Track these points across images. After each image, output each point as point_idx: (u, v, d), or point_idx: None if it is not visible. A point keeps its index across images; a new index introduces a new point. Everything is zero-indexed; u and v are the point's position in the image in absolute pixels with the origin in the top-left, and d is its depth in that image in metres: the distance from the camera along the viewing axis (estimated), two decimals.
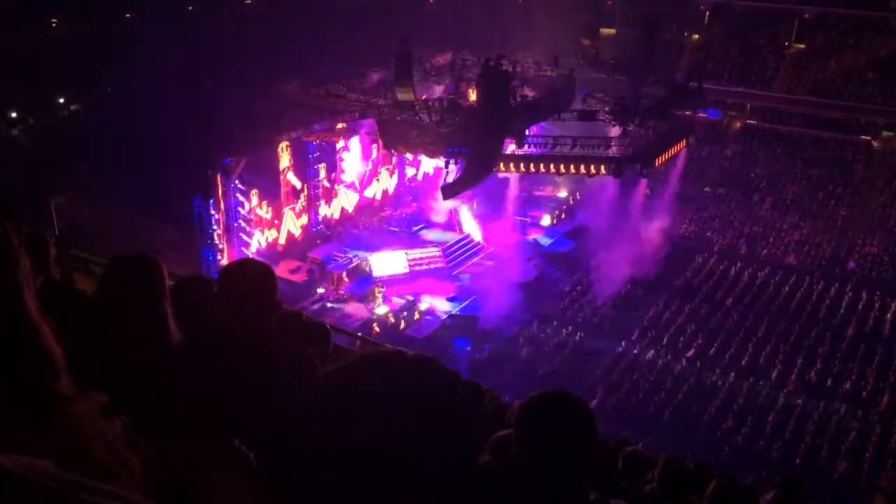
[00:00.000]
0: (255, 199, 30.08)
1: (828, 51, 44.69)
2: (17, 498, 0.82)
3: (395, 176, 38.51)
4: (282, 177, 31.59)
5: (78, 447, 1.08)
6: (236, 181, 28.84)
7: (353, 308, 30.28)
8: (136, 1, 39.45)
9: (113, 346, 2.68)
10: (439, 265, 33.76)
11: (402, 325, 29.54)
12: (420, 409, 1.12)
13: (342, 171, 34.91)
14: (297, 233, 32.75)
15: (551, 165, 29.13)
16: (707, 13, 48.10)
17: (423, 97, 29.70)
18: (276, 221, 31.50)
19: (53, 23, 38.75)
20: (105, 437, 1.16)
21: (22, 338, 1.08)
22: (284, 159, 31.41)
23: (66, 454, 0.98)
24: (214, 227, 28.13)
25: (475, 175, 27.74)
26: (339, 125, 32.48)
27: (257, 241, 30.33)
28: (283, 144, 31.07)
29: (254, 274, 2.91)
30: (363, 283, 31.52)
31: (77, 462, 0.98)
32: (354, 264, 31.95)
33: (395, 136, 29.74)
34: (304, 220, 33.37)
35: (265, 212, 30.83)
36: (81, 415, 1.14)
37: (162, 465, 1.62)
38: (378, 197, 37.30)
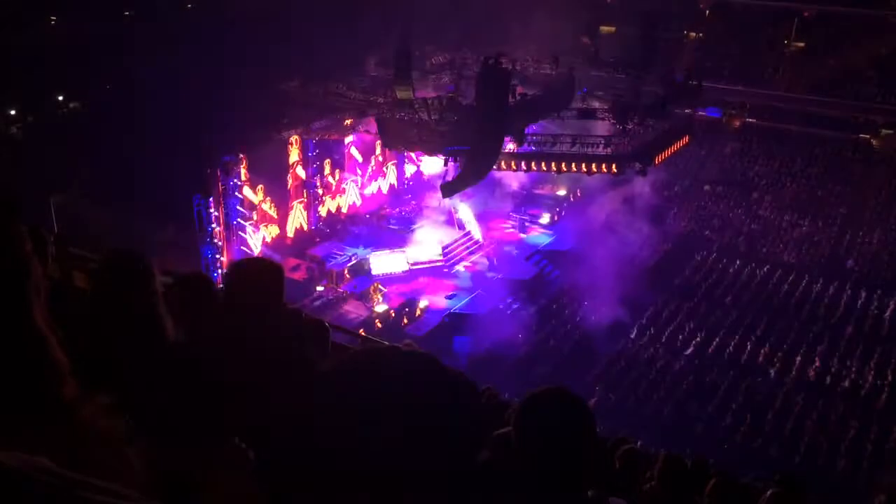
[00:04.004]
0: (260, 195, 30.46)
1: (827, 49, 44.70)
2: (15, 494, 0.82)
3: (395, 174, 38.52)
4: (291, 171, 32.31)
5: (80, 447, 1.08)
6: (236, 179, 28.86)
7: (353, 306, 30.30)
8: None
9: (107, 345, 2.67)
10: (439, 264, 33.77)
11: (402, 322, 29.57)
12: (418, 406, 1.12)
13: (342, 170, 34.99)
14: (305, 226, 33.37)
15: (552, 164, 29.13)
16: (707, 11, 48.09)
17: (423, 95, 29.69)
18: (276, 217, 31.83)
19: (52, 20, 38.68)
20: (108, 438, 1.16)
21: (29, 348, 1.08)
22: (294, 153, 32.14)
23: (68, 454, 0.98)
24: (214, 226, 28.14)
25: (475, 173, 27.73)
26: (339, 123, 32.50)
27: (256, 240, 30.38)
28: (294, 138, 31.51)
29: (265, 272, 2.90)
30: (362, 281, 31.53)
31: (78, 462, 0.98)
32: (354, 262, 31.97)
33: (395, 135, 29.73)
34: (305, 217, 33.51)
35: (269, 207, 31.19)
36: (85, 417, 1.14)
37: (163, 464, 1.62)
38: (378, 194, 37.33)
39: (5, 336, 1.07)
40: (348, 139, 34.33)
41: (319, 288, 30.63)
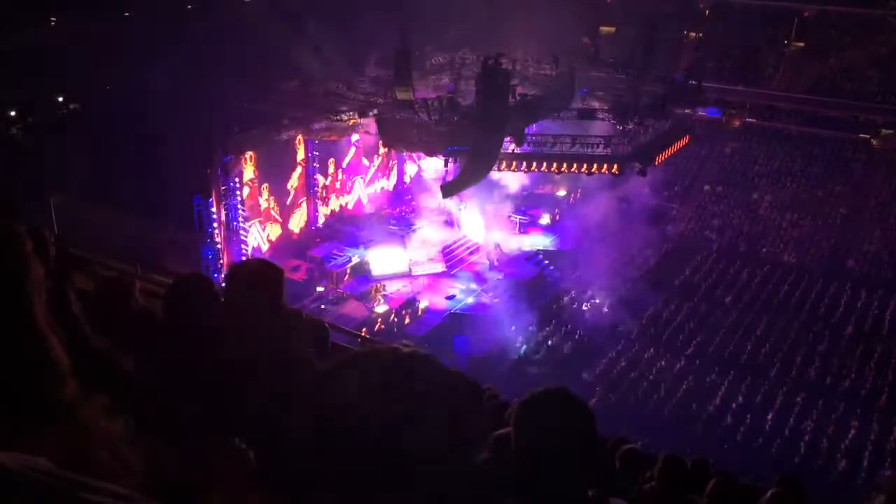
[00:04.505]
0: (265, 194, 30.46)
1: (827, 49, 44.71)
2: (16, 495, 0.82)
3: (395, 174, 38.52)
4: (296, 170, 32.66)
5: (80, 448, 1.08)
6: (237, 179, 28.85)
7: (353, 307, 30.28)
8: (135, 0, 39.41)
9: None
10: (438, 264, 33.76)
11: (402, 322, 29.57)
12: (417, 407, 1.12)
13: (344, 169, 35.04)
14: (304, 226, 33.53)
15: (552, 164, 29.13)
16: (707, 11, 48.11)
17: (423, 96, 29.68)
18: (279, 217, 31.87)
19: (52, 21, 38.70)
20: (108, 439, 1.16)
21: (30, 348, 1.08)
22: (301, 152, 32.72)
23: (69, 455, 0.98)
24: (214, 226, 28.12)
25: (475, 174, 27.75)
26: (339, 124, 32.50)
27: (256, 240, 30.44)
28: (300, 137, 31.81)
29: (265, 274, 2.90)
30: (363, 281, 31.53)
31: (79, 463, 0.98)
32: (354, 263, 31.97)
33: (395, 135, 29.75)
34: (306, 217, 33.57)
35: (273, 206, 31.28)
36: (85, 417, 1.14)
37: (163, 464, 1.62)
38: (378, 195, 37.35)
39: (6, 336, 1.07)
40: (354, 138, 34.38)
41: (319, 288, 30.61)
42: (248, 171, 30.15)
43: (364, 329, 26.66)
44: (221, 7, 39.97)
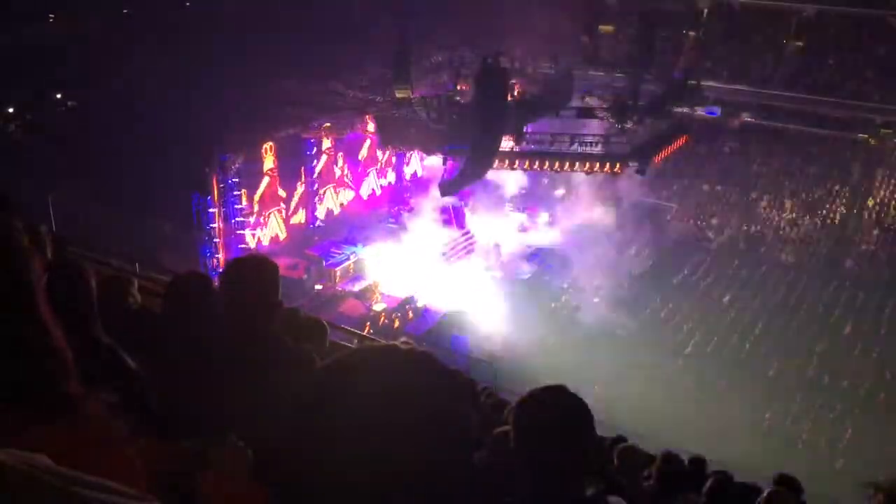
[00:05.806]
0: (276, 186, 31.14)
1: (826, 49, 44.69)
2: (15, 493, 0.82)
3: (393, 173, 38.52)
4: (324, 156, 33.15)
5: (83, 446, 1.08)
6: (234, 179, 28.86)
7: (351, 305, 30.27)
8: None
9: None
10: (437, 262, 33.74)
11: (402, 320, 29.57)
12: (416, 405, 1.12)
13: (341, 169, 35.01)
14: (300, 223, 33.57)
15: (553, 163, 29.13)
16: (706, 10, 48.07)
17: (422, 94, 29.67)
18: (283, 214, 32.06)
19: (51, 18, 38.65)
20: (110, 437, 1.16)
21: (34, 340, 1.08)
22: (326, 143, 33.12)
23: (70, 452, 0.98)
24: (212, 224, 28.11)
25: (473, 172, 27.75)
26: (339, 122, 32.53)
27: (255, 239, 30.48)
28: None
29: (261, 269, 2.90)
30: (361, 279, 31.51)
31: (79, 460, 0.98)
32: (352, 261, 31.95)
33: (393, 133, 29.76)
34: (304, 216, 33.57)
35: (281, 200, 31.63)
36: (88, 414, 1.14)
37: (162, 462, 1.62)
38: (377, 193, 37.35)
39: (10, 329, 1.06)
40: (370, 128, 34.51)
41: (318, 287, 30.59)
42: (269, 161, 30.21)
43: (367, 325, 26.74)
44: (220, 5, 39.94)
